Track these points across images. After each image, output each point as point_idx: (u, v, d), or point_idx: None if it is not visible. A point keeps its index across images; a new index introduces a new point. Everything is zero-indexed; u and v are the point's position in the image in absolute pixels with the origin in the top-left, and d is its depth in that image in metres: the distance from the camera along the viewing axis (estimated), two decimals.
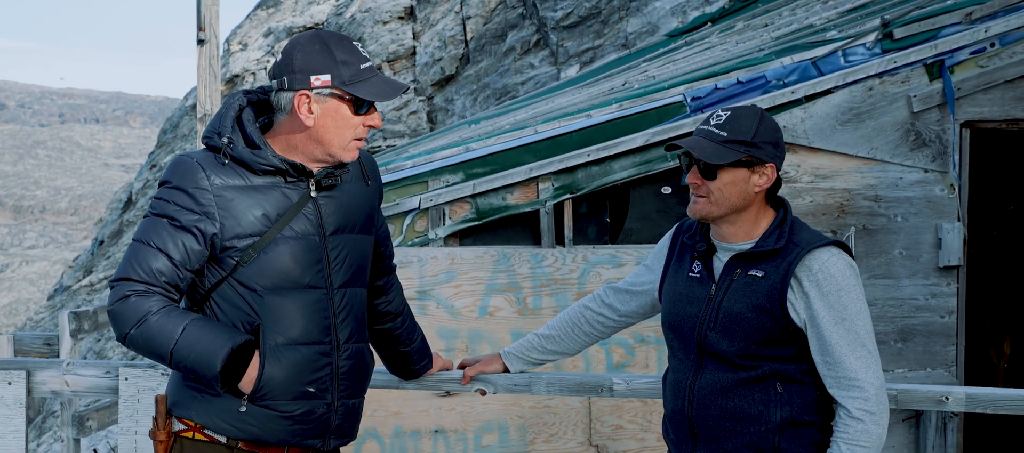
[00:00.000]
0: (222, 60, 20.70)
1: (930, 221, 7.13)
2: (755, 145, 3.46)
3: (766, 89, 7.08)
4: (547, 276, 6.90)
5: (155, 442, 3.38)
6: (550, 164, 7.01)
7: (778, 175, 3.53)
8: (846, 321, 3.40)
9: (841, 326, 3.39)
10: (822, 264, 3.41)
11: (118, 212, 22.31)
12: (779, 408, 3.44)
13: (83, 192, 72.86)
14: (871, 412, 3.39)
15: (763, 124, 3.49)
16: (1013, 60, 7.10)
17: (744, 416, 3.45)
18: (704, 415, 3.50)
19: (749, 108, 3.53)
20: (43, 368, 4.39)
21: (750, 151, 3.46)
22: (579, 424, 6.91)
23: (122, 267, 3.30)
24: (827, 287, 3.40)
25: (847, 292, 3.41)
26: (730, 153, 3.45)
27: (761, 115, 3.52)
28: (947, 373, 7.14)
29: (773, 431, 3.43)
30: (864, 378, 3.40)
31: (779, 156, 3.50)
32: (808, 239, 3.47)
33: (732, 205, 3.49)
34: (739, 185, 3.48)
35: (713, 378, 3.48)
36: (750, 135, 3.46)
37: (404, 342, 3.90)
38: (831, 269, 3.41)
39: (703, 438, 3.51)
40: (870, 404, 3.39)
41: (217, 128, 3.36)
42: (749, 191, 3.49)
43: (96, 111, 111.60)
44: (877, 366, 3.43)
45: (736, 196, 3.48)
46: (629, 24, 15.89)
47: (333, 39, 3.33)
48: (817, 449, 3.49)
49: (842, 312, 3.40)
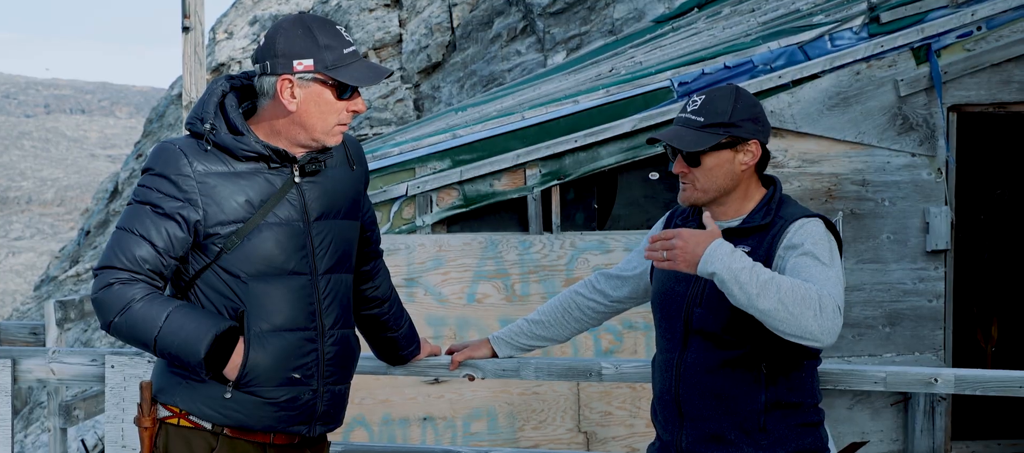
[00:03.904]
0: (207, 49, 20.63)
1: (918, 205, 7.14)
2: (734, 125, 3.45)
3: (753, 74, 7.07)
4: (535, 262, 6.89)
5: (140, 429, 3.37)
6: (537, 150, 7.00)
7: (764, 149, 3.51)
8: (817, 259, 3.29)
9: (809, 258, 3.31)
10: (800, 227, 3.38)
11: (104, 202, 22.25)
12: (764, 388, 3.42)
13: (69, 182, 72.68)
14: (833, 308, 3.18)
15: (739, 102, 3.48)
16: (1000, 44, 7.10)
17: (730, 396, 3.43)
18: (690, 394, 3.48)
19: (724, 89, 3.53)
20: (29, 356, 4.37)
21: (729, 131, 3.45)
22: (568, 410, 6.91)
23: (105, 255, 3.28)
24: (799, 239, 3.36)
25: (819, 243, 3.34)
26: (710, 138, 3.44)
27: (737, 93, 3.50)
28: (935, 357, 7.15)
29: (759, 411, 3.42)
30: (822, 280, 3.24)
31: (761, 130, 3.49)
32: (793, 213, 3.45)
33: (720, 188, 3.48)
34: (724, 167, 3.47)
35: (699, 357, 3.47)
36: (727, 116, 3.45)
37: (391, 327, 3.88)
38: (808, 229, 3.37)
39: (689, 417, 3.49)
40: (833, 302, 3.19)
41: (200, 114, 3.33)
42: (735, 171, 3.48)
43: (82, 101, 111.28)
44: (838, 293, 3.24)
45: (723, 178, 3.47)
46: (616, 10, 15.87)
47: (316, 23, 3.31)
48: (807, 431, 3.48)
49: (812, 252, 3.31)
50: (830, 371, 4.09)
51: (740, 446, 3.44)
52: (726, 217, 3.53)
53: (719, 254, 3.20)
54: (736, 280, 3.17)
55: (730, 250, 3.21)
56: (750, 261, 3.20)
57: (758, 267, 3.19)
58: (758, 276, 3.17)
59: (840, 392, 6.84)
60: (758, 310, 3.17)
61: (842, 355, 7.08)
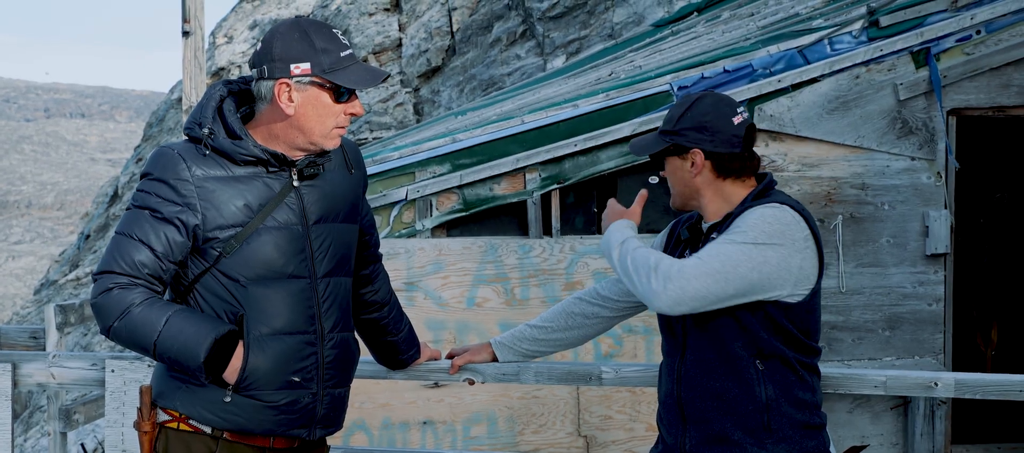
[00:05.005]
0: (207, 53, 20.64)
1: (917, 209, 7.14)
2: (677, 133, 3.53)
3: (753, 78, 7.07)
4: (535, 266, 6.88)
5: (140, 433, 3.37)
6: (537, 154, 7.00)
7: (722, 156, 3.51)
8: (721, 242, 3.37)
9: (716, 242, 3.39)
10: (742, 217, 3.43)
11: (104, 206, 22.26)
12: (763, 386, 3.43)
13: (69, 187, 72.67)
14: (668, 272, 3.31)
15: (691, 110, 3.54)
16: (999, 47, 7.10)
17: (730, 396, 3.44)
18: (692, 397, 3.50)
19: (687, 97, 3.62)
20: (29, 361, 4.37)
21: (673, 139, 3.54)
22: (568, 414, 6.90)
23: (104, 260, 3.28)
24: (731, 228, 3.42)
25: (744, 225, 3.38)
26: (657, 144, 3.58)
27: (693, 102, 3.56)
28: (935, 361, 7.14)
29: (761, 410, 3.42)
30: (704, 255, 3.35)
31: (706, 139, 3.51)
32: (757, 203, 3.47)
33: (682, 193, 3.59)
34: (679, 173, 3.57)
35: (697, 358, 3.49)
36: (673, 123, 3.55)
37: (391, 331, 3.88)
38: (749, 214, 3.42)
39: (692, 420, 3.51)
40: (674, 267, 3.32)
41: (198, 119, 3.34)
42: (687, 178, 3.55)
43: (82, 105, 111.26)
44: (705, 276, 3.31)
45: (680, 184, 3.58)
46: (615, 14, 15.87)
47: (313, 27, 3.31)
48: (811, 433, 3.48)
49: (727, 233, 3.39)
50: (830, 375, 4.09)
51: (745, 446, 3.44)
52: (709, 218, 3.58)
53: (611, 230, 3.53)
54: (608, 254, 3.51)
55: (620, 227, 3.51)
56: (630, 235, 3.50)
57: (630, 242, 3.45)
58: (622, 248, 3.46)
59: (840, 396, 6.84)
60: (619, 277, 3.48)
61: (842, 359, 7.08)
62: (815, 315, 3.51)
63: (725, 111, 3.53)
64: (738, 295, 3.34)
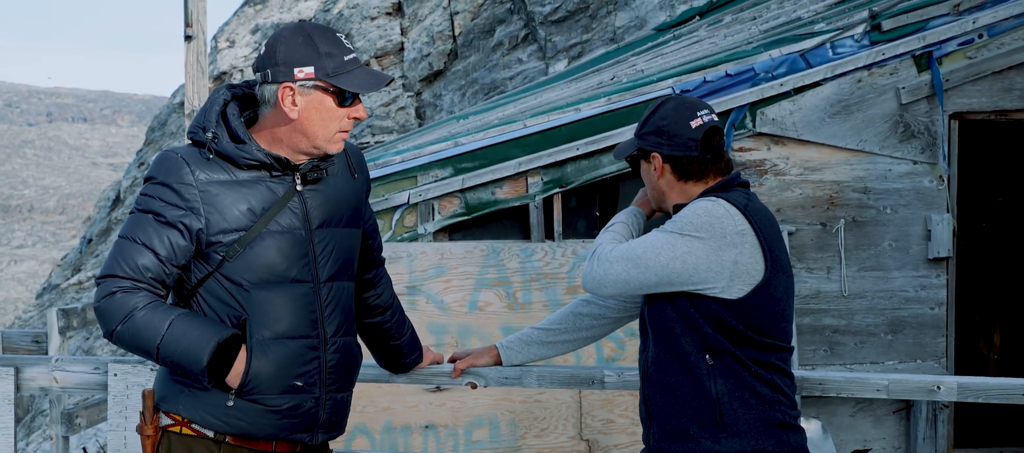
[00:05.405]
0: (210, 57, 20.65)
1: (919, 213, 7.14)
2: (640, 137, 3.63)
3: (754, 82, 7.07)
4: (537, 270, 6.88)
5: (142, 437, 3.37)
6: (539, 158, 7.00)
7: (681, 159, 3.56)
8: (655, 228, 3.51)
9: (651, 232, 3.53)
10: (684, 208, 3.53)
11: (106, 210, 22.26)
12: (713, 380, 3.44)
13: (71, 191, 72.69)
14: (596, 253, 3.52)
15: (654, 114, 3.63)
16: (1001, 51, 7.11)
17: (683, 391, 3.49)
18: (653, 392, 3.57)
19: (653, 101, 3.76)
20: (32, 365, 4.37)
21: (637, 143, 3.64)
22: (570, 418, 6.90)
23: (108, 264, 3.28)
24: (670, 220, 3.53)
25: (678, 218, 3.47)
26: (628, 149, 3.69)
27: (656, 107, 3.64)
28: (937, 365, 7.14)
29: (712, 404, 3.44)
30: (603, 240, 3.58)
31: (664, 143, 3.57)
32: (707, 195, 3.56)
33: (653, 195, 3.69)
34: (647, 176, 3.68)
35: (655, 355, 3.56)
36: (638, 129, 3.65)
37: (394, 335, 3.89)
38: (685, 209, 3.51)
39: (655, 415, 3.58)
40: (602, 250, 3.51)
41: (202, 123, 3.34)
42: (652, 180, 3.65)
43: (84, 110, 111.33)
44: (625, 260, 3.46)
45: (649, 186, 3.70)
46: (617, 18, 15.88)
47: (316, 31, 3.32)
48: (772, 433, 3.46)
49: (662, 226, 3.49)
50: (832, 379, 4.09)
51: (698, 440, 3.47)
52: None
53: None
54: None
55: (627, 211, 3.67)
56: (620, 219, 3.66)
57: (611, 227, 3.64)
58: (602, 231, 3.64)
59: (842, 400, 6.83)
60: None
61: (844, 363, 7.08)
62: (771, 312, 3.47)
63: (684, 115, 3.58)
64: (661, 283, 3.44)
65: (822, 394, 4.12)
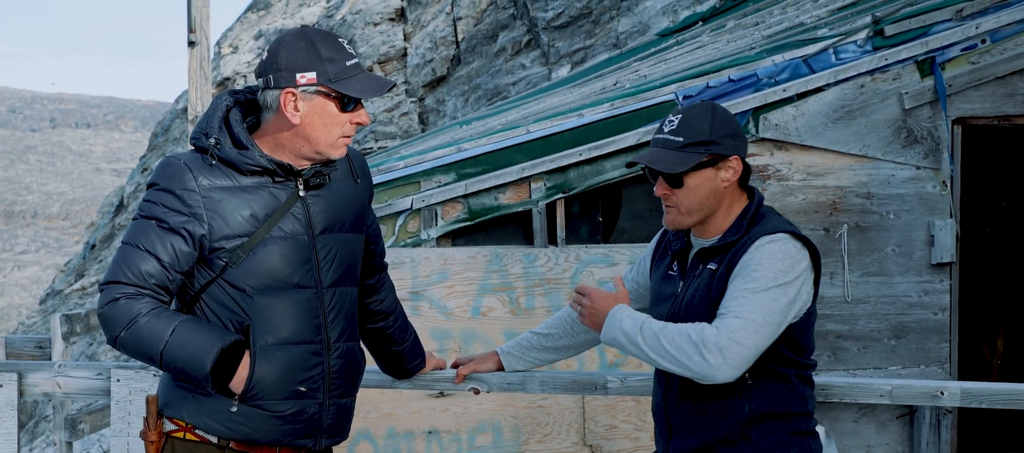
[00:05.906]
0: (213, 63, 20.66)
1: (923, 218, 7.13)
2: (714, 142, 3.45)
3: (757, 87, 7.07)
4: (540, 276, 6.88)
5: (146, 443, 3.37)
6: (542, 164, 7.00)
7: (745, 164, 3.51)
8: (748, 288, 3.31)
9: (741, 284, 3.33)
10: (756, 249, 3.38)
11: (109, 216, 22.27)
12: (747, 400, 3.43)
13: (74, 197, 72.76)
14: (717, 342, 3.24)
15: (717, 118, 3.48)
16: (1004, 56, 7.10)
17: (713, 409, 3.45)
18: (676, 408, 3.52)
19: (700, 106, 3.53)
20: (35, 370, 4.38)
21: (710, 149, 3.45)
22: (573, 424, 6.90)
23: (111, 270, 3.29)
24: (746, 264, 3.37)
25: (762, 267, 3.33)
26: (691, 157, 3.44)
27: (713, 109, 3.50)
28: (941, 370, 7.13)
29: (743, 423, 3.43)
30: (738, 311, 3.28)
31: (740, 146, 3.49)
32: (762, 230, 3.43)
33: (704, 207, 3.49)
34: (707, 186, 3.47)
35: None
36: (707, 134, 3.45)
37: (397, 341, 3.89)
38: (760, 253, 3.36)
39: (677, 431, 3.54)
40: (722, 335, 3.25)
41: (204, 129, 3.34)
42: (718, 188, 3.48)
43: (87, 115, 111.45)
44: (753, 333, 3.27)
45: (706, 197, 3.47)
46: (620, 24, 15.88)
47: (318, 36, 3.32)
48: (796, 442, 3.48)
49: (748, 278, 3.33)
50: (835, 384, 4.08)
51: None
52: (707, 235, 3.54)
53: (616, 320, 3.38)
54: (633, 343, 3.34)
55: (626, 314, 3.37)
56: (641, 319, 3.34)
57: (648, 323, 3.33)
58: (644, 334, 3.33)
59: (846, 405, 6.82)
60: (655, 364, 3.33)
61: (847, 368, 7.08)
62: (810, 331, 3.52)
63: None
64: (775, 337, 3.36)
65: (825, 399, 4.11)
